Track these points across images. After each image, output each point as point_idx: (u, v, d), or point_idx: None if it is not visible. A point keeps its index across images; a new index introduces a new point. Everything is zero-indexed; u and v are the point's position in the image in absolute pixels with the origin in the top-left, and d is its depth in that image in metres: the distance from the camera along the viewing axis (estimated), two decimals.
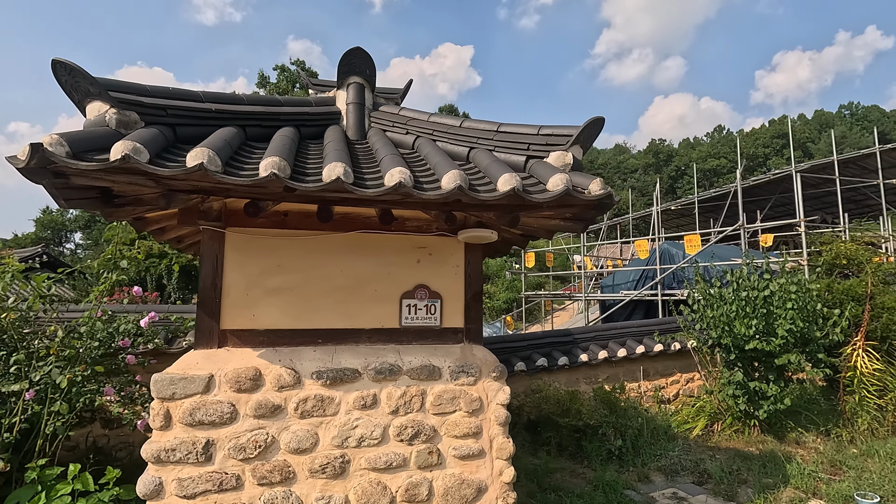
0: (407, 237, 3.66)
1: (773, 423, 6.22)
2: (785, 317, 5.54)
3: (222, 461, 3.02)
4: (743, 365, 6.02)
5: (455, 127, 3.94)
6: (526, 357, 7.26)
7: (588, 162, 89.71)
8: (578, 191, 3.16)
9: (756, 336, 5.68)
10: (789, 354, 5.57)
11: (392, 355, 3.46)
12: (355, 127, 4.23)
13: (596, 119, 3.45)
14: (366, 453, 3.26)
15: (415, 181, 3.02)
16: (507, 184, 2.96)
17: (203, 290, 3.27)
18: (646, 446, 6.07)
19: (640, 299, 12.93)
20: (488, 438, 3.51)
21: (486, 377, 3.56)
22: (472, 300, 3.78)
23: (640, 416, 6.43)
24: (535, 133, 3.58)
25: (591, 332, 7.92)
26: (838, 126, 78.90)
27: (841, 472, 5.04)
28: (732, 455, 5.73)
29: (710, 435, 6.54)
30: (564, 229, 3.75)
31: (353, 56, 4.24)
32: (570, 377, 7.42)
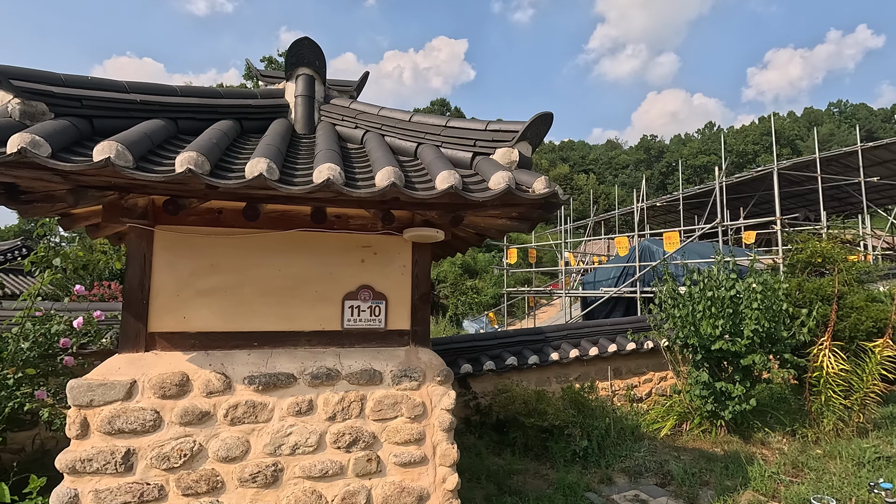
0: (351, 236, 3.52)
1: (740, 423, 6.18)
2: (750, 317, 5.48)
3: (144, 471, 2.88)
4: (710, 365, 5.96)
5: (404, 121, 3.79)
6: (496, 356, 7.16)
7: (580, 157, 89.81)
8: (522, 189, 3.03)
9: (722, 336, 5.62)
10: (754, 355, 5.51)
11: (331, 359, 3.33)
12: (304, 120, 4.07)
13: (543, 115, 3.33)
14: (300, 461, 3.13)
15: (346, 178, 2.89)
16: (445, 181, 2.83)
17: (129, 291, 3.12)
18: (612, 447, 6.01)
19: (620, 296, 12.89)
20: (431, 445, 3.40)
21: (431, 381, 3.44)
22: (419, 301, 3.65)
23: (607, 416, 6.37)
24: (482, 129, 3.45)
25: (563, 330, 7.83)
26: (827, 124, 79.60)
27: (802, 474, 5.00)
28: (697, 456, 5.68)
29: (679, 435, 6.48)
30: (511, 229, 3.63)
31: (301, 47, 4.07)
32: (541, 376, 7.34)
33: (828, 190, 20.75)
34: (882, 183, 17.63)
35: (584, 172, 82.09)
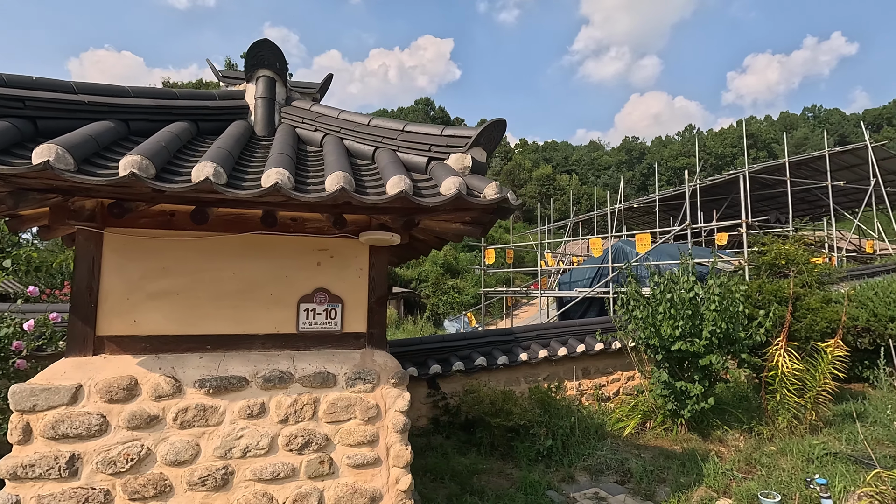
0: (307, 239, 3.53)
1: (700, 421, 6.34)
2: (709, 318, 5.64)
3: (90, 476, 2.86)
4: (670, 365, 6.11)
5: (363, 125, 3.82)
6: (466, 356, 7.23)
7: (563, 158, 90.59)
8: (474, 194, 3.09)
9: (682, 337, 5.77)
10: (712, 355, 5.67)
11: (285, 362, 3.34)
12: (263, 122, 4.07)
13: (496, 121, 3.39)
14: (251, 464, 3.14)
15: (297, 182, 2.91)
16: (395, 187, 2.87)
17: (77, 294, 3.08)
18: (576, 445, 6.12)
19: (595, 297, 13.08)
20: (385, 446, 3.43)
21: (385, 384, 3.48)
22: (375, 304, 3.68)
23: (573, 416, 6.48)
24: (437, 134, 3.49)
25: (533, 331, 7.93)
26: (802, 128, 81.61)
27: (754, 471, 5.16)
28: (657, 454, 5.82)
29: (643, 433, 6.63)
30: (466, 233, 3.68)
31: (261, 48, 4.06)
32: (511, 376, 7.42)
33: (798, 193, 21.34)
34: (848, 186, 18.19)
35: (566, 173, 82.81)
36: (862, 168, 18.92)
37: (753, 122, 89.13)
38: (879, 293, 8.01)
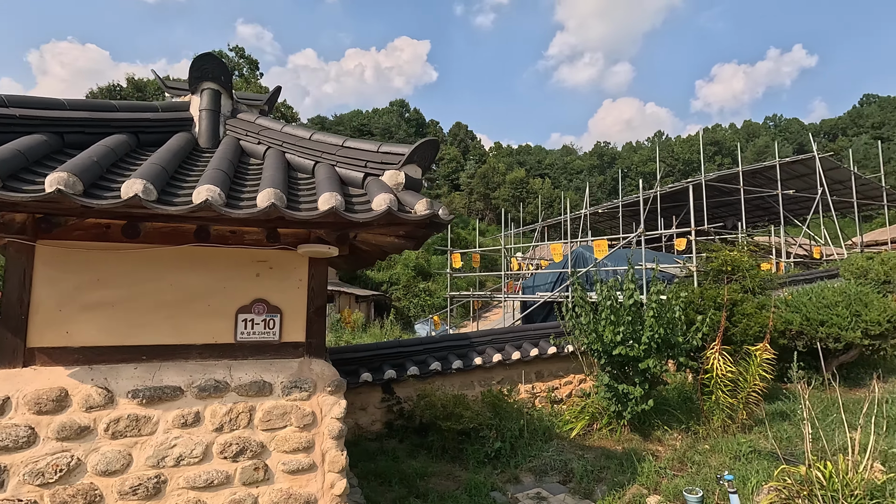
0: (246, 250, 3.61)
1: (643, 421, 6.65)
2: (647, 324, 5.94)
3: (16, 487, 2.88)
4: (612, 368, 6.40)
5: (305, 139, 3.93)
6: (421, 361, 7.38)
7: (536, 162, 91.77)
8: (405, 210, 3.24)
9: (623, 342, 6.05)
10: (650, 359, 5.97)
11: (221, 371, 3.42)
12: (207, 134, 4.13)
13: (429, 141, 3.55)
14: (185, 472, 3.21)
15: (231, 197, 3.00)
16: (326, 203, 2.99)
17: (7, 306, 3.10)
18: (524, 447, 6.33)
19: (555, 300, 13.42)
20: (321, 452, 3.54)
21: (322, 392, 3.59)
22: (314, 314, 3.79)
23: (522, 418, 6.70)
24: (374, 150, 3.64)
25: (488, 335, 8.14)
26: (763, 136, 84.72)
27: (685, 468, 5.47)
28: (600, 454, 6.08)
29: (590, 434, 6.90)
30: (402, 247, 3.83)
31: (205, 62, 4.13)
32: (465, 380, 7.61)
33: (754, 200, 22.30)
34: (798, 195, 19.12)
35: (539, 177, 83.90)
36: (811, 177, 19.91)
37: (719, 129, 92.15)
38: (813, 298, 8.51)
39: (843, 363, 8.69)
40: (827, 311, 8.10)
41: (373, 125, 73.26)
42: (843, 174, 19.89)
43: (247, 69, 40.78)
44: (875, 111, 77.24)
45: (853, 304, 8.08)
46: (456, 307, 24.55)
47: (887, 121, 72.60)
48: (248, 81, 38.50)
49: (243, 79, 38.34)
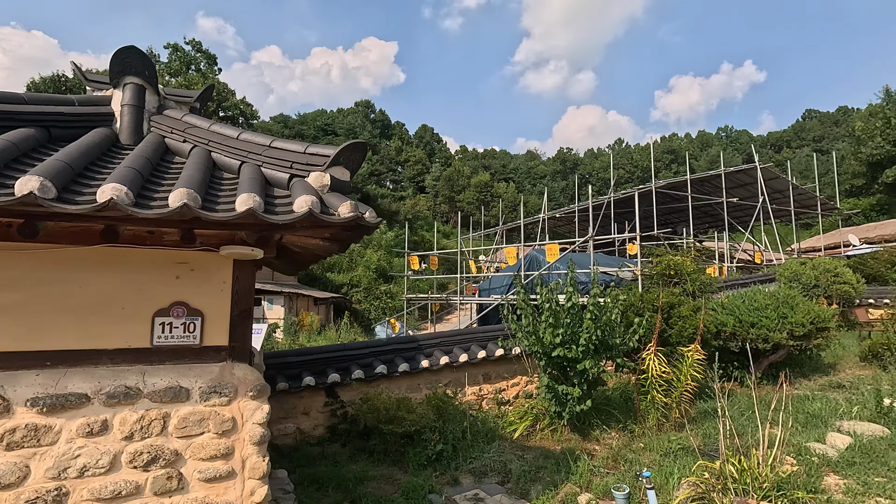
0: (165, 252, 3.49)
1: (583, 421, 6.82)
2: (585, 327, 6.11)
3: None
4: (552, 370, 6.55)
5: (232, 139, 3.85)
6: (367, 365, 7.32)
7: (501, 166, 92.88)
8: (329, 213, 3.22)
9: (562, 344, 6.20)
10: (587, 360, 6.14)
11: (134, 377, 3.29)
12: (129, 130, 3.98)
13: (356, 143, 3.54)
14: (89, 483, 3.06)
15: (141, 197, 2.90)
16: (243, 204, 2.93)
17: None
18: (466, 449, 6.38)
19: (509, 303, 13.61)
20: (241, 459, 3.46)
21: (243, 397, 3.50)
22: (238, 317, 3.70)
23: (466, 420, 6.75)
24: (301, 151, 3.60)
25: (436, 338, 8.17)
26: (716, 146, 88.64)
27: (618, 467, 5.64)
28: (539, 454, 6.19)
29: (533, 435, 7.02)
30: (328, 249, 3.80)
31: (127, 55, 3.97)
32: (412, 383, 7.60)
33: (703, 207, 23.31)
34: (742, 202, 20.12)
35: (504, 181, 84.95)
36: (754, 186, 21.01)
37: (675, 138, 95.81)
38: (745, 302, 8.97)
39: (773, 363, 9.18)
40: (757, 314, 8.55)
41: (337, 125, 72.33)
42: (783, 184, 21.08)
43: (204, 64, 39.45)
44: (816, 125, 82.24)
45: (780, 307, 8.56)
46: (416, 309, 24.53)
47: (826, 135, 77.41)
48: (206, 76, 37.28)
49: (200, 74, 37.09)
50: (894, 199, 40.15)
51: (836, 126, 77.51)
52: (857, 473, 5.09)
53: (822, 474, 5.16)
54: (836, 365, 10.23)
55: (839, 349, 11.40)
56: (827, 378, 9.20)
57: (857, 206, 41.71)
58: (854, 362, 10.25)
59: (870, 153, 40.16)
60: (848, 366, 10.13)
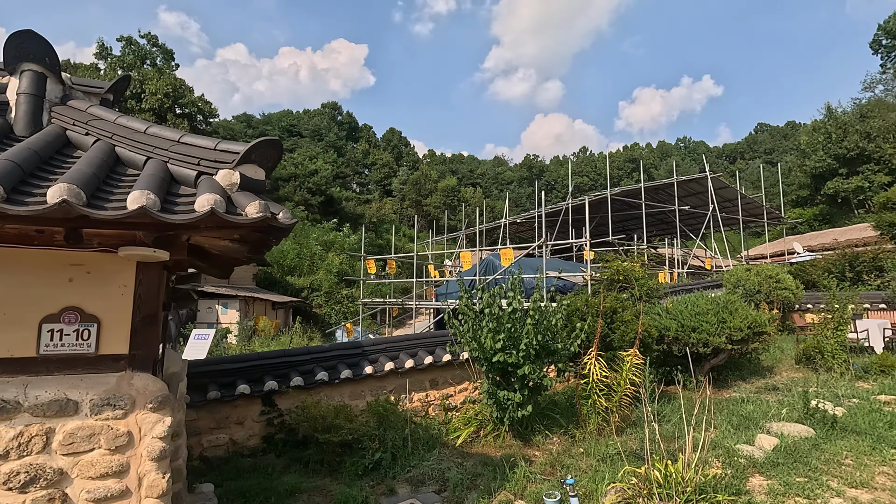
0: (56, 252, 3.22)
1: (526, 427, 6.79)
2: (525, 332, 6.09)
3: None
4: (493, 375, 6.50)
5: (139, 133, 3.61)
6: (308, 371, 7.08)
7: (469, 171, 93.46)
8: (235, 212, 3.04)
9: (503, 349, 6.15)
10: (528, 365, 6.12)
11: (13, 390, 3.00)
12: (25, 121, 3.67)
13: (270, 140, 3.37)
14: None
15: (14, 192, 2.66)
16: (135, 202, 2.72)
17: None
18: (407, 457, 6.23)
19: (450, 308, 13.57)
20: (137, 476, 3.21)
21: (142, 409, 3.26)
22: (141, 324, 3.45)
23: (407, 427, 6.60)
24: (211, 148, 3.40)
25: (382, 343, 8.00)
26: (675, 156, 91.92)
27: (555, 473, 5.62)
28: (479, 461, 6.11)
29: (476, 441, 6.94)
30: (239, 252, 3.61)
31: (23, 39, 3.67)
32: (355, 390, 7.40)
33: (658, 214, 24.01)
34: (693, 210, 20.83)
35: (471, 185, 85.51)
36: (705, 195, 21.81)
37: (636, 148, 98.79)
38: (688, 307, 9.21)
39: (715, 366, 9.45)
40: (698, 319, 8.78)
41: (302, 126, 71.10)
42: (732, 193, 21.96)
43: (160, 59, 37.93)
44: (767, 138, 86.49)
45: (720, 313, 8.82)
46: (378, 314, 24.20)
47: (776, 147, 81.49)
48: (162, 72, 35.89)
49: (156, 69, 35.66)
50: (835, 209, 42.57)
51: (785, 139, 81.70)
52: (780, 474, 5.24)
53: (748, 476, 5.28)
54: (774, 368, 10.64)
55: (778, 352, 11.88)
56: (764, 380, 9.54)
57: (802, 216, 44.02)
58: (790, 365, 10.68)
59: (813, 166, 42.47)
60: (784, 368, 10.55)
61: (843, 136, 39.67)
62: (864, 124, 39.26)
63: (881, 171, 37.65)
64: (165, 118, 32.54)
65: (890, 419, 6.88)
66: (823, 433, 6.42)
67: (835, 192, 41.03)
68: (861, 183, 38.27)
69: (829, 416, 6.69)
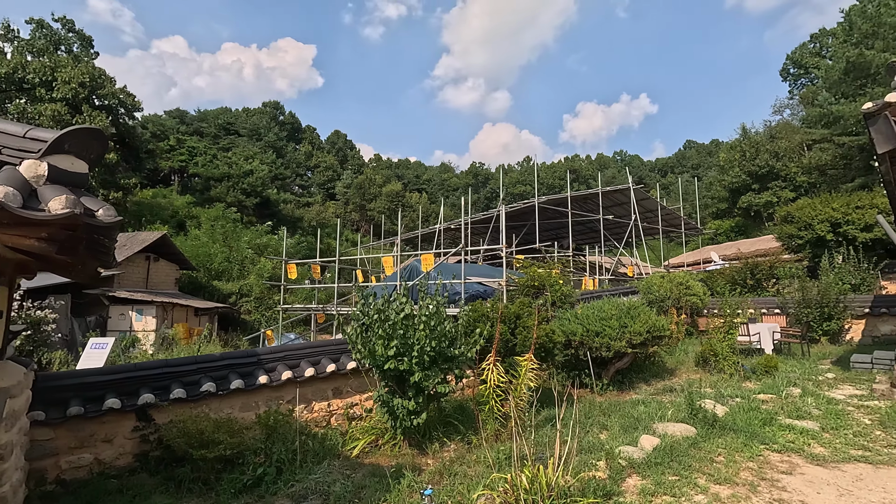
0: None
1: (424, 434, 6.68)
2: (417, 338, 5.99)
3: None
4: (387, 382, 6.35)
5: None
6: (193, 382, 6.62)
7: (415, 176, 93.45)
8: (36, 208, 2.71)
9: (396, 356, 6.02)
10: (421, 372, 6.02)
11: None
12: None
13: (89, 129, 3.06)
14: None
15: None
16: None
17: None
18: (295, 470, 5.93)
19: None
20: None
21: None
22: None
23: (297, 439, 6.31)
24: (20, 135, 3.04)
25: (281, 351, 7.65)
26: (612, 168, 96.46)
27: (442, 481, 5.53)
28: (369, 472, 5.92)
29: (374, 451, 6.74)
30: (46, 251, 3.25)
31: None
32: (248, 401, 7.00)
33: (588, 223, 24.95)
34: (617, 220, 21.81)
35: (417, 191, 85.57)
36: (629, 205, 22.91)
37: (577, 159, 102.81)
38: (595, 312, 9.51)
39: (620, 369, 9.80)
40: (602, 323, 9.07)
41: (240, 125, 68.34)
42: (653, 204, 23.19)
43: (78, 46, 35.07)
44: (694, 154, 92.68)
45: (623, 318, 9.16)
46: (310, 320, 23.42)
47: (702, 163, 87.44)
48: (79, 60, 33.21)
49: (72, 56, 32.94)
50: (749, 221, 46.17)
51: (709, 156, 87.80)
52: (654, 474, 5.41)
53: (626, 476, 5.42)
54: (677, 370, 11.20)
55: (683, 355, 12.54)
56: (664, 382, 9.99)
57: (720, 227, 47.37)
58: (690, 367, 11.29)
59: (730, 181, 45.89)
60: (685, 371, 11.12)
61: (755, 154, 43.19)
62: (773, 144, 42.95)
63: (787, 188, 41.28)
64: (80, 109, 30.04)
65: (764, 416, 7.35)
66: (704, 432, 6.75)
67: (748, 205, 44.51)
68: (770, 198, 41.75)
69: (710, 415, 7.06)
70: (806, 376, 10.05)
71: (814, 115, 35.78)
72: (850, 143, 30.23)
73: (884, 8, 27.65)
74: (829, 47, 40.79)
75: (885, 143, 6.91)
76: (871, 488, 5.12)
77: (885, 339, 13.37)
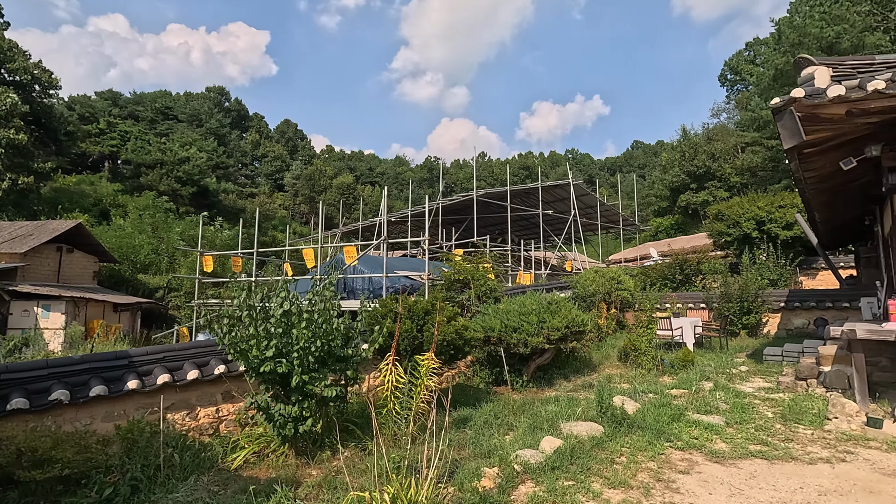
0: None
1: (315, 442, 6.11)
2: (298, 336, 5.41)
3: None
4: (267, 387, 5.73)
5: None
6: (42, 390, 5.72)
7: (368, 169, 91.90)
8: None
9: (275, 358, 5.40)
10: (305, 374, 5.44)
11: None
12: None
13: None
14: None
15: None
16: None
17: None
18: (155, 488, 5.22)
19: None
20: None
21: None
22: None
23: (163, 451, 5.58)
24: None
25: (161, 352, 6.83)
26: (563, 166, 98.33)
27: (320, 495, 5.00)
28: (242, 487, 5.28)
29: (260, 462, 6.10)
30: None
31: None
32: (114, 409, 6.16)
33: (531, 218, 24.96)
34: (557, 215, 21.89)
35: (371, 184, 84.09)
36: (569, 201, 23.05)
37: (530, 156, 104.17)
38: (516, 307, 9.22)
39: (540, 365, 9.57)
40: (521, 319, 8.79)
41: (179, 110, 64.49)
42: (592, 200, 23.46)
43: None
44: (640, 154, 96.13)
45: (542, 313, 8.91)
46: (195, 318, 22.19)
47: (648, 163, 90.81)
48: None
49: None
50: (688, 219, 48.11)
51: (654, 156, 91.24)
52: (549, 479, 5.10)
53: (518, 484, 5.07)
54: (600, 365, 11.14)
55: (610, 349, 12.55)
56: (584, 378, 9.86)
57: (661, 225, 49.11)
58: (614, 362, 11.27)
59: (671, 180, 47.65)
60: (608, 366, 11.08)
61: (694, 155, 44.99)
62: (710, 146, 44.87)
63: (722, 188, 43.23)
64: None
65: (674, 412, 7.26)
66: (611, 431, 6.54)
67: (687, 204, 46.37)
68: (707, 197, 43.62)
69: (619, 412, 6.87)
70: (721, 369, 10.21)
71: (746, 119, 37.60)
72: (779, 147, 31.89)
73: (809, 19, 29.21)
74: (761, 55, 42.95)
75: (791, 139, 6.91)
76: (762, 486, 5.01)
77: (797, 331, 13.96)
